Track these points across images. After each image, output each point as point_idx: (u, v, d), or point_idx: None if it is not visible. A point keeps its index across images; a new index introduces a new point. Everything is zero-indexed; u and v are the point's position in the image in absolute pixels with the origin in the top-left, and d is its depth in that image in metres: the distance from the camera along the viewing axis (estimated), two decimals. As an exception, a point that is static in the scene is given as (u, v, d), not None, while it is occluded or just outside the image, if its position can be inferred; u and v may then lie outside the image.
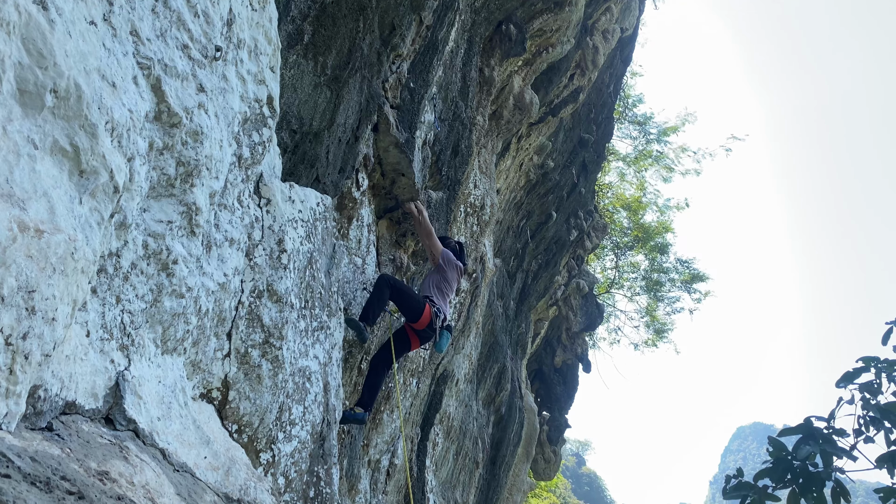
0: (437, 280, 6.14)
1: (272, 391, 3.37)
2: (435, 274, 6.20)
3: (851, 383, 4.27)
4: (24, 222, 1.47)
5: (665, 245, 29.31)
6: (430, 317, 5.82)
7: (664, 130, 27.74)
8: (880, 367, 4.16)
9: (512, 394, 14.66)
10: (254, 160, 3.19)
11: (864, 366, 4.27)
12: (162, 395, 2.47)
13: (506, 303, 14.39)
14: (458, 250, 6.53)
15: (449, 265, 6.16)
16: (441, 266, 6.16)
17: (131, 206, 2.10)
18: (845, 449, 3.88)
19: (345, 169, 4.92)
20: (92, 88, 1.76)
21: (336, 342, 4.47)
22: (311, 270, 3.93)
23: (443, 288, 6.13)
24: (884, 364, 4.18)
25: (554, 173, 14.60)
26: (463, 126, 7.45)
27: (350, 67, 4.53)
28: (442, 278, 6.15)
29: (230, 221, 2.98)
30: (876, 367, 4.20)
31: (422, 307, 5.80)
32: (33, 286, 1.48)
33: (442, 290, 6.12)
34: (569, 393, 23.81)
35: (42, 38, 1.59)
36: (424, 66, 5.95)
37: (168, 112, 2.23)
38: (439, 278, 6.15)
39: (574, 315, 22.31)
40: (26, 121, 1.57)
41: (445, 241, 6.56)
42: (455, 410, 10.21)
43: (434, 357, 8.37)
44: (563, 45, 9.85)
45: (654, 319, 30.57)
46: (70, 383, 1.90)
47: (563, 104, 12.41)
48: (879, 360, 4.22)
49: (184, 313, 2.57)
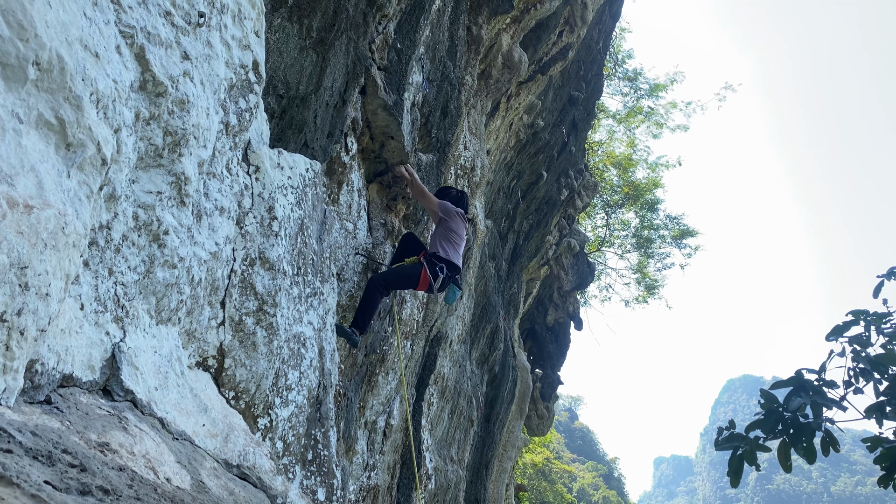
0: (443, 232, 6.20)
1: (267, 358, 3.40)
2: (439, 227, 6.26)
3: (842, 336, 4.35)
4: (12, 198, 1.46)
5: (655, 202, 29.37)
6: (428, 279, 5.89)
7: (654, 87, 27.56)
8: (869, 320, 4.23)
9: (505, 353, 14.82)
10: (241, 127, 3.16)
11: (853, 319, 4.34)
12: (158, 364, 2.49)
13: (497, 264, 14.44)
14: (459, 197, 6.58)
15: (449, 215, 6.23)
16: (443, 219, 6.22)
17: (120, 178, 2.08)
18: (835, 400, 3.97)
19: (333, 133, 4.88)
20: (75, 59, 1.73)
21: (330, 307, 4.49)
22: (303, 237, 3.93)
23: (450, 238, 6.18)
24: (873, 317, 4.25)
25: (544, 132, 14.52)
26: (451, 87, 7.37)
27: (336, 29, 4.45)
28: (447, 229, 6.21)
29: (220, 190, 2.97)
30: (865, 321, 4.27)
31: (417, 276, 5.86)
32: (25, 262, 1.48)
33: (450, 241, 6.17)
34: (561, 350, 24.08)
35: (21, 8, 1.55)
36: (411, 25, 5.86)
37: (153, 81, 2.20)
38: (444, 230, 6.21)
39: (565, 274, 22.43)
40: (9, 94, 1.55)
41: (447, 191, 6.66)
42: (449, 371, 10.32)
43: (428, 319, 8.43)
44: (551, 2, 9.70)
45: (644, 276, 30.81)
46: (66, 356, 1.91)
47: (552, 62, 12.28)
48: (869, 313, 4.29)
49: (177, 283, 2.57)
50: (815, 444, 3.77)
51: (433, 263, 5.97)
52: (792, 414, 3.72)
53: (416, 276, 5.86)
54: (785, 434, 3.77)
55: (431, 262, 5.97)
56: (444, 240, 6.15)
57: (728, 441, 4.01)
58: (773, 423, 3.79)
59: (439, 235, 6.19)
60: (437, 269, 5.96)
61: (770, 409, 3.85)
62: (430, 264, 5.95)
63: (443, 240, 6.15)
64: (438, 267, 5.97)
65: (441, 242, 6.13)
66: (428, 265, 5.92)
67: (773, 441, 4.00)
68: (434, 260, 6.00)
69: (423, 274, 5.86)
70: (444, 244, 6.12)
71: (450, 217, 6.23)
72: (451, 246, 6.14)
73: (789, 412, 3.73)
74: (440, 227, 6.23)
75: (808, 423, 3.72)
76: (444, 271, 5.99)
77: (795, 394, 3.76)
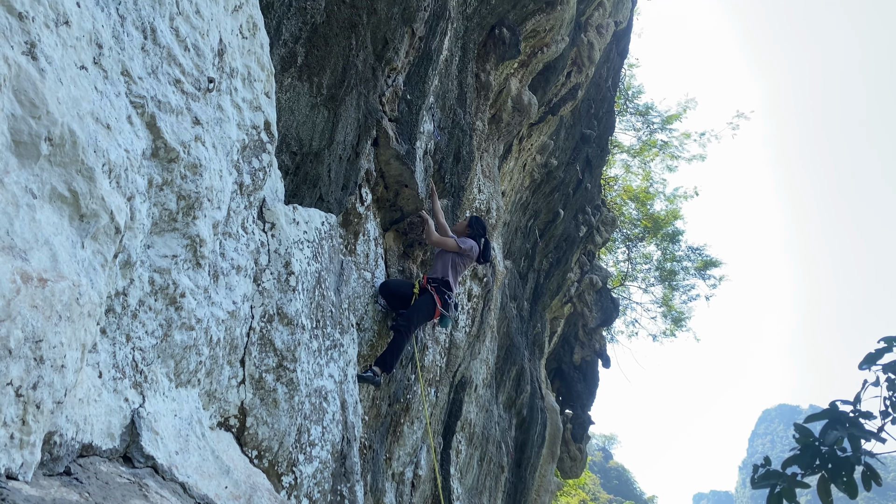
0: (453, 263, 6.39)
1: (289, 414, 3.37)
2: (453, 256, 6.43)
3: (875, 364, 4.21)
4: (26, 273, 1.48)
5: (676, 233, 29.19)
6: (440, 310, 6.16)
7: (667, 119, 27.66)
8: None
9: (532, 395, 14.62)
10: (255, 186, 3.20)
11: (886, 346, 4.21)
12: (179, 428, 2.48)
13: (519, 304, 14.36)
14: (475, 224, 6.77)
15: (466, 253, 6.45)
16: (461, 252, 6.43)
17: (135, 245, 2.11)
18: (873, 431, 3.83)
19: (347, 185, 4.93)
20: (86, 132, 1.78)
21: (350, 359, 4.47)
22: (321, 290, 3.94)
23: (457, 270, 6.42)
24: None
25: (558, 171, 14.57)
26: (463, 133, 7.45)
27: (345, 85, 4.54)
28: (457, 262, 6.41)
29: (236, 249, 2.99)
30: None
31: (433, 307, 6.10)
32: (40, 335, 1.49)
33: (456, 272, 6.40)
34: (590, 389, 23.70)
35: (33, 87, 1.60)
36: (420, 77, 5.96)
37: (165, 148, 2.24)
38: (454, 261, 6.40)
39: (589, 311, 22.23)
40: (23, 171, 1.59)
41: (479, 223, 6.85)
42: (476, 416, 10.18)
43: (451, 364, 8.36)
44: (557, 44, 9.84)
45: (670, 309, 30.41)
46: (85, 426, 1.91)
47: (562, 102, 12.39)
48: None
49: (195, 345, 2.58)
50: (855, 479, 3.62)
51: (443, 292, 6.18)
52: (829, 448, 3.60)
53: (433, 307, 6.07)
54: (823, 469, 3.63)
55: (441, 290, 6.16)
56: (452, 269, 6.35)
57: (764, 479, 3.87)
58: (810, 459, 3.66)
59: (449, 264, 6.38)
60: (447, 297, 6.19)
61: (806, 443, 3.73)
62: (440, 293, 6.17)
63: (451, 269, 6.34)
64: (447, 295, 6.20)
65: (449, 271, 6.34)
66: (438, 294, 6.13)
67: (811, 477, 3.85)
68: (443, 288, 6.21)
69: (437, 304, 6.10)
70: (451, 273, 6.33)
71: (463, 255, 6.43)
72: (455, 275, 6.39)
73: (826, 446, 3.60)
74: (451, 259, 6.41)
75: (846, 457, 3.59)
76: (451, 299, 6.22)
77: (831, 427, 3.63)
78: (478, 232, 6.65)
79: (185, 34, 2.41)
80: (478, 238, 6.61)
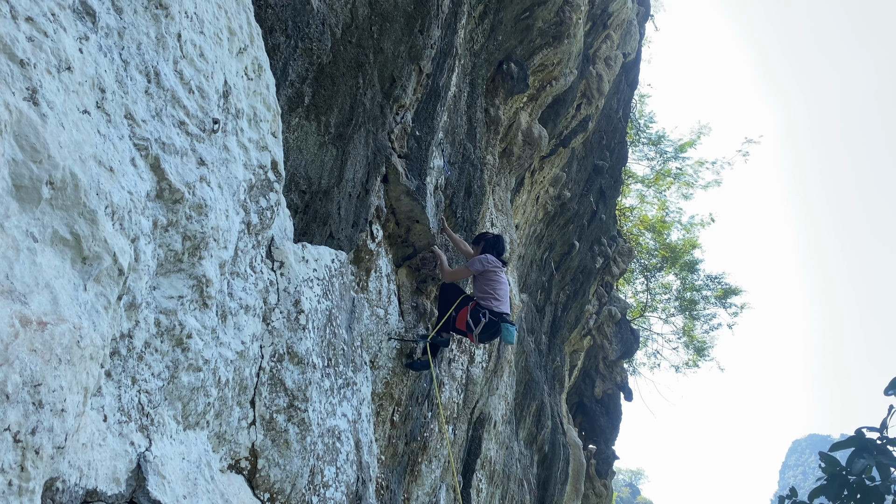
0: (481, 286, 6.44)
1: (302, 455, 3.33)
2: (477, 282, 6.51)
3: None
4: (25, 317, 1.47)
5: (694, 262, 28.96)
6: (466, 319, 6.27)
7: (681, 147, 27.68)
8: (928, 372, 3.99)
9: (553, 430, 14.39)
10: (263, 225, 3.21)
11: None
12: (187, 471, 2.44)
13: (537, 337, 14.23)
14: (494, 242, 6.76)
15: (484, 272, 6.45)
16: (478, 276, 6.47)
17: (139, 286, 2.10)
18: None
19: (358, 222, 4.94)
20: (88, 175, 1.79)
21: (364, 397, 4.42)
22: (332, 327, 3.92)
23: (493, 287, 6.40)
24: (931, 368, 4.01)
25: (572, 203, 14.56)
26: (473, 167, 7.47)
27: (354, 123, 4.58)
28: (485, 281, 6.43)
29: (244, 289, 2.99)
30: (924, 372, 4.02)
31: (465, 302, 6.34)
32: (39, 380, 1.48)
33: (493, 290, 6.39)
34: (613, 423, 23.31)
35: (35, 132, 1.61)
36: (428, 113, 6.01)
37: (169, 189, 2.25)
38: (483, 282, 6.44)
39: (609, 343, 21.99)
40: (24, 215, 1.59)
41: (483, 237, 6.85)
42: (496, 454, 10.02)
43: (469, 401, 8.25)
44: (566, 77, 9.91)
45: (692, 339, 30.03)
46: (89, 471, 1.88)
47: (572, 134, 12.44)
48: (926, 363, 4.05)
49: (203, 386, 2.55)
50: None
51: (476, 310, 6.22)
52: (857, 477, 3.48)
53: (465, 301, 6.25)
54: (852, 500, 3.50)
55: (475, 310, 6.23)
56: (488, 289, 6.36)
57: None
58: (837, 489, 3.54)
59: (480, 288, 6.42)
60: (481, 314, 6.20)
61: (833, 473, 3.61)
62: (474, 310, 6.22)
63: (486, 289, 6.36)
64: (482, 313, 6.20)
65: (485, 293, 6.36)
66: (471, 310, 6.21)
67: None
68: (478, 307, 6.26)
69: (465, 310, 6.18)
70: (487, 294, 6.34)
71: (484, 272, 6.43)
72: (493, 294, 6.33)
73: (854, 475, 3.48)
74: (478, 281, 6.43)
75: (875, 486, 3.47)
76: (486, 317, 6.21)
77: (858, 455, 3.52)
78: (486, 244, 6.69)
79: (190, 77, 2.44)
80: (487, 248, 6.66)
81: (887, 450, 3.58)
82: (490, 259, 6.43)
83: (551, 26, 9.08)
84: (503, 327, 6.23)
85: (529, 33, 8.70)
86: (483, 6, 7.32)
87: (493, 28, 7.80)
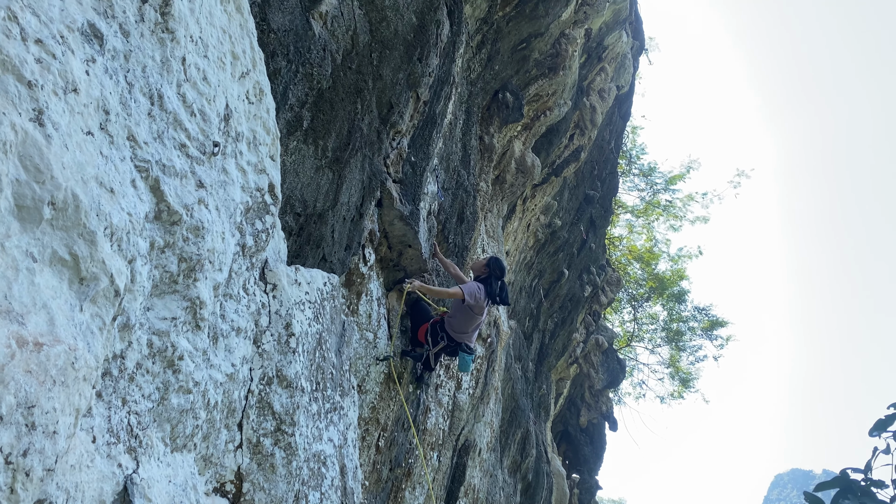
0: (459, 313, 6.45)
1: (287, 480, 3.30)
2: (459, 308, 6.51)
3: (885, 431, 4.12)
4: (22, 337, 1.47)
5: (681, 293, 29.10)
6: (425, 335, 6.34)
7: (670, 179, 27.95)
8: (913, 413, 4.01)
9: (538, 459, 14.31)
10: (258, 248, 3.22)
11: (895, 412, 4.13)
12: (173, 494, 2.42)
13: (524, 365, 14.21)
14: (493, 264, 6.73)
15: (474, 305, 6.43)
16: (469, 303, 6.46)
17: (134, 307, 2.11)
18: (886, 502, 3.71)
19: (351, 246, 4.96)
20: (90, 196, 1.80)
21: (351, 422, 4.40)
22: (321, 351, 3.91)
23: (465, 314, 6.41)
24: (917, 409, 4.03)
25: (562, 231, 14.64)
26: (467, 193, 7.52)
27: (350, 148, 4.62)
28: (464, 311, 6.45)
29: (236, 311, 2.99)
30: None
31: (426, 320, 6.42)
32: (33, 401, 1.47)
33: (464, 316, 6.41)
34: (597, 453, 23.21)
35: (39, 153, 1.63)
36: (424, 139, 6.06)
37: (168, 211, 2.26)
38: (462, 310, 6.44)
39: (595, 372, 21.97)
40: (24, 235, 1.60)
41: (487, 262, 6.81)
42: (480, 481, 9.95)
43: (454, 427, 8.21)
44: (560, 108, 10.03)
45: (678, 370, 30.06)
46: (76, 493, 1.87)
47: (565, 164, 12.55)
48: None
49: (192, 409, 2.54)
50: (871, 552, 3.50)
51: (436, 330, 6.29)
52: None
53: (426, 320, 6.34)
54: (837, 541, 3.51)
55: (435, 328, 6.30)
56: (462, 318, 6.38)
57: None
58: (822, 530, 3.54)
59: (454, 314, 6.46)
60: (440, 336, 6.27)
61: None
62: (434, 328, 6.29)
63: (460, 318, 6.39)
64: (441, 336, 6.27)
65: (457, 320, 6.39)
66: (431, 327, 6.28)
67: (826, 548, 3.72)
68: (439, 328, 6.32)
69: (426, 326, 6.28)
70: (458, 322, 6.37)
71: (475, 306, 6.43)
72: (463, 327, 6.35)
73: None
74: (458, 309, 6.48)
75: (860, 528, 3.47)
76: (444, 340, 6.28)
77: (843, 496, 3.53)
78: (494, 273, 6.61)
79: (192, 100, 2.47)
80: (494, 280, 6.59)
81: (871, 492, 3.59)
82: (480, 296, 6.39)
83: (547, 58, 9.22)
84: (461, 355, 6.31)
85: (526, 64, 8.82)
86: (481, 36, 7.43)
87: (490, 58, 7.90)
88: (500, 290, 6.51)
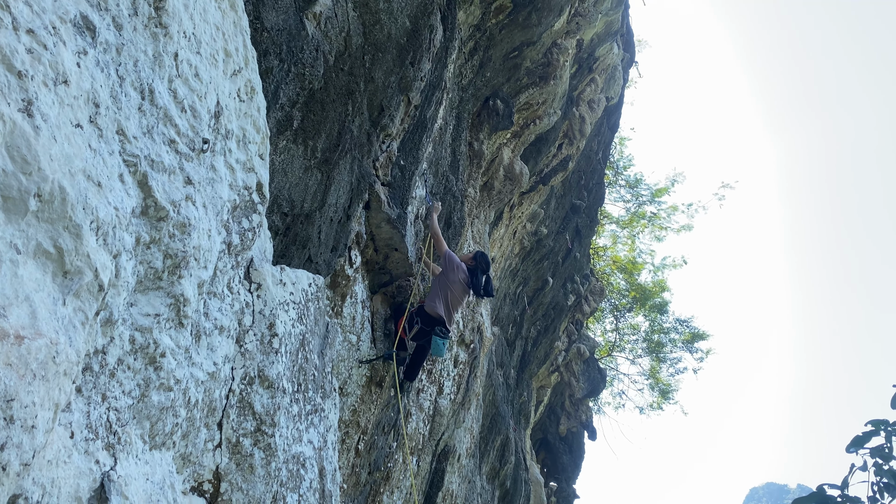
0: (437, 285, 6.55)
1: (265, 481, 3.28)
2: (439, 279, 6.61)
3: (862, 448, 4.15)
4: (3, 330, 1.45)
5: (663, 304, 29.28)
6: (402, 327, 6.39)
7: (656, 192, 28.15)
8: (890, 431, 4.06)
9: (517, 466, 14.32)
10: (244, 246, 3.20)
11: (873, 429, 4.16)
12: (150, 492, 2.40)
13: (506, 371, 14.22)
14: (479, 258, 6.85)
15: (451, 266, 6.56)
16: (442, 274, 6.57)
17: (117, 302, 2.09)
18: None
19: (337, 247, 4.94)
20: (77, 190, 1.78)
21: (331, 424, 4.38)
22: (304, 352, 3.89)
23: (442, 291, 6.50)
24: (894, 427, 4.07)
25: (548, 239, 14.69)
26: (455, 199, 7.53)
27: (340, 149, 4.61)
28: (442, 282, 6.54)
29: (220, 309, 2.97)
30: (886, 431, 4.09)
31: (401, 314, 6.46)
32: (12, 395, 1.45)
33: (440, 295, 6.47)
34: (575, 462, 23.26)
35: (27, 144, 1.61)
36: (414, 143, 6.06)
37: (155, 206, 2.25)
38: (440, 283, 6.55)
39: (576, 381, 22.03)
40: (9, 226, 1.58)
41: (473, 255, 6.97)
42: (458, 487, 9.93)
43: (434, 432, 8.20)
44: (549, 117, 10.08)
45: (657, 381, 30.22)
46: (52, 489, 1.84)
47: (553, 173, 12.60)
48: (889, 423, 4.11)
49: (172, 406, 2.52)
50: (846, 568, 3.53)
51: (412, 316, 6.37)
52: (817, 534, 3.52)
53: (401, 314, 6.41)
54: (812, 556, 3.54)
55: (412, 315, 6.38)
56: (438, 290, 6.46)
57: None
58: (798, 545, 3.57)
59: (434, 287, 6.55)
60: (415, 321, 6.36)
61: (793, 528, 3.64)
62: (411, 317, 6.36)
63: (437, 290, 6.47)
64: (415, 320, 6.36)
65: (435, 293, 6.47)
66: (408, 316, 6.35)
67: (800, 563, 3.75)
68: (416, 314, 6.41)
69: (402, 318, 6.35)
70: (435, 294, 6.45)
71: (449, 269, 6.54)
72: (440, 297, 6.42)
73: (814, 532, 3.52)
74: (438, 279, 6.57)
75: (835, 544, 3.51)
76: (419, 324, 6.34)
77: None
78: (481, 266, 6.72)
79: (183, 96, 2.45)
80: (480, 272, 6.69)
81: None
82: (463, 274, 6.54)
83: (539, 66, 9.26)
84: (434, 339, 6.35)
85: (517, 72, 8.86)
86: (474, 43, 7.45)
87: (482, 64, 7.93)
88: (485, 282, 6.63)
